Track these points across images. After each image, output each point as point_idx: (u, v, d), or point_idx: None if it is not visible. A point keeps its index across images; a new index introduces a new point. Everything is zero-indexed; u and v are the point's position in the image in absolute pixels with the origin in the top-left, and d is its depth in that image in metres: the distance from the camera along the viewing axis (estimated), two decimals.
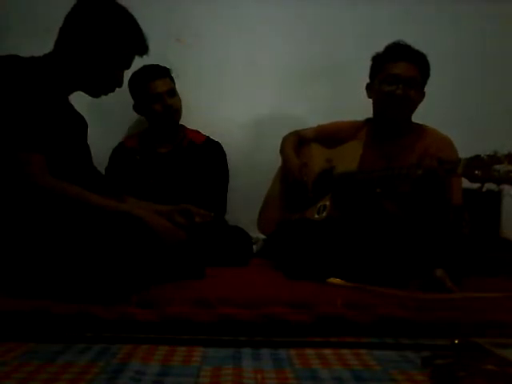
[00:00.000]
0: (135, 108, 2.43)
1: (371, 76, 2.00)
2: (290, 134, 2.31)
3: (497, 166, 1.46)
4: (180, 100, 2.39)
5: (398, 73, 1.88)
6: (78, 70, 1.56)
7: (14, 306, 1.23)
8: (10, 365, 0.96)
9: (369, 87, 2.01)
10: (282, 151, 2.28)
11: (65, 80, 1.58)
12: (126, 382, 0.88)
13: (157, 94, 2.31)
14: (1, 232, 1.41)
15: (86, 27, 1.53)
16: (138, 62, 2.28)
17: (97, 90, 1.62)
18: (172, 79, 2.39)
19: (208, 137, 2.49)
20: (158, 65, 2.34)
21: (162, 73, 2.34)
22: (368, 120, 2.09)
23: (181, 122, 2.45)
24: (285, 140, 2.30)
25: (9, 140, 1.42)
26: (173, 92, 2.35)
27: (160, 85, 2.31)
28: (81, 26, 1.54)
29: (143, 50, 1.62)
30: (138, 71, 2.33)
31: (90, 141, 1.80)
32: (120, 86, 1.64)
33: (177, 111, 2.37)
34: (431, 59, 1.91)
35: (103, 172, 2.38)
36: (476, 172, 1.50)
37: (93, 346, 1.08)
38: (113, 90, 1.64)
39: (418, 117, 1.98)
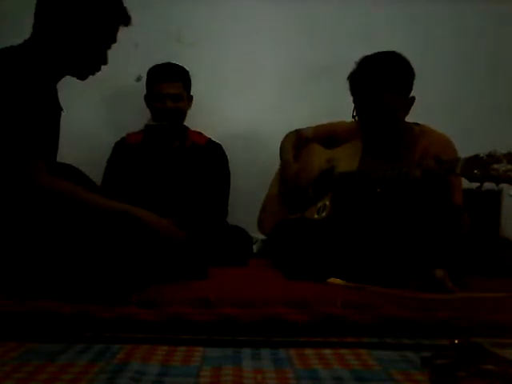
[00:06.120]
0: (145, 99, 2.42)
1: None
2: (291, 132, 2.31)
3: (496, 165, 1.46)
4: (187, 104, 2.39)
5: (378, 101, 1.80)
6: (63, 52, 1.53)
7: (14, 306, 1.23)
8: (9, 365, 0.95)
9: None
10: (281, 153, 2.27)
11: (52, 66, 1.54)
12: (126, 382, 0.88)
13: (160, 94, 2.31)
14: (1, 232, 1.41)
15: (63, 7, 1.49)
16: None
17: (84, 70, 1.58)
18: (186, 83, 2.37)
19: (210, 138, 2.49)
20: (176, 66, 2.34)
21: (175, 76, 2.33)
22: None
23: None
24: (285, 141, 2.30)
25: (7, 142, 1.41)
26: (178, 97, 2.33)
27: (166, 86, 2.31)
28: (57, 6, 1.50)
29: (125, 19, 1.57)
30: (154, 67, 2.35)
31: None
32: (105, 63, 1.60)
33: (176, 114, 2.34)
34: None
35: (105, 164, 2.41)
36: (475, 171, 1.50)
37: (93, 346, 1.08)
38: (99, 69, 1.60)
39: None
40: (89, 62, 1.57)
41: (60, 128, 1.66)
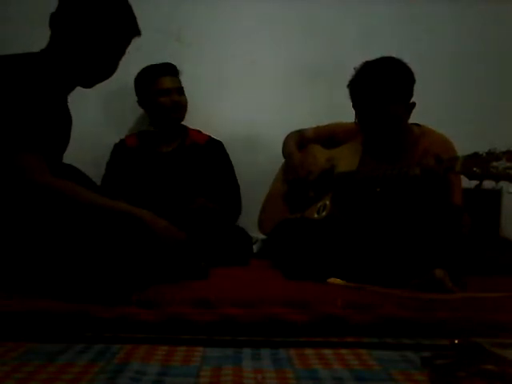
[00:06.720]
0: (140, 103, 2.43)
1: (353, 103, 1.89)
2: (293, 132, 2.31)
3: (495, 163, 1.46)
4: (186, 100, 2.40)
5: (382, 112, 1.80)
6: (77, 63, 1.53)
7: (14, 306, 1.23)
8: (9, 365, 0.95)
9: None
10: (285, 148, 2.29)
11: (65, 75, 1.55)
12: (126, 382, 0.88)
13: (166, 89, 2.34)
14: (1, 231, 1.41)
15: (77, 19, 1.50)
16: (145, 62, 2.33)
17: (94, 79, 1.60)
18: (180, 79, 2.41)
19: (210, 136, 2.49)
20: (170, 63, 2.38)
21: (173, 71, 2.38)
22: None
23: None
24: (287, 138, 2.31)
25: (8, 139, 1.41)
26: (181, 90, 2.39)
27: (170, 81, 2.36)
28: (71, 18, 1.51)
29: (137, 31, 1.59)
30: (149, 67, 2.38)
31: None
32: (113, 72, 1.62)
33: (183, 108, 2.40)
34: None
35: (105, 165, 2.42)
36: (474, 169, 1.50)
37: (93, 346, 1.08)
38: (108, 77, 1.61)
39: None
40: (102, 73, 1.58)
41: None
